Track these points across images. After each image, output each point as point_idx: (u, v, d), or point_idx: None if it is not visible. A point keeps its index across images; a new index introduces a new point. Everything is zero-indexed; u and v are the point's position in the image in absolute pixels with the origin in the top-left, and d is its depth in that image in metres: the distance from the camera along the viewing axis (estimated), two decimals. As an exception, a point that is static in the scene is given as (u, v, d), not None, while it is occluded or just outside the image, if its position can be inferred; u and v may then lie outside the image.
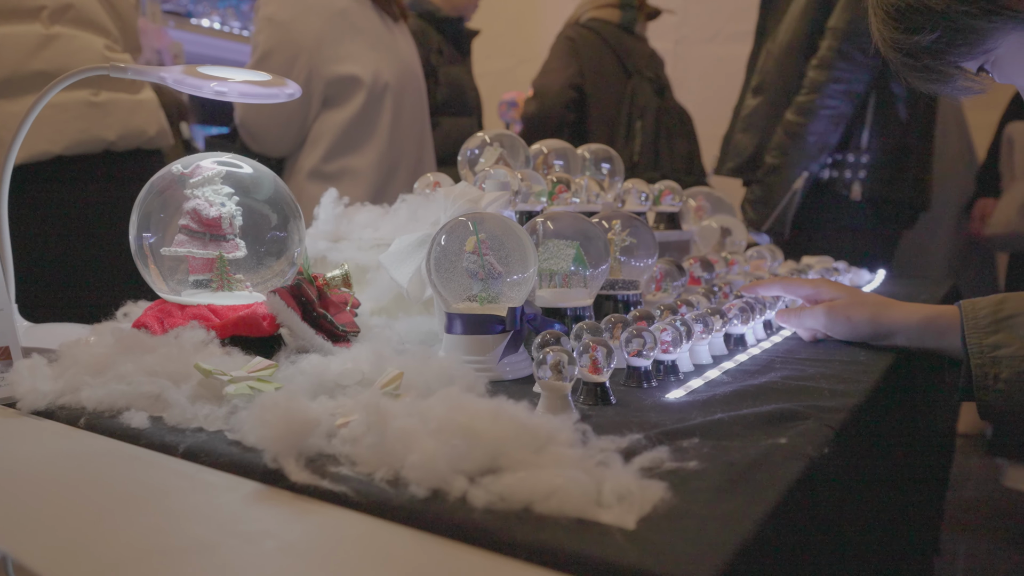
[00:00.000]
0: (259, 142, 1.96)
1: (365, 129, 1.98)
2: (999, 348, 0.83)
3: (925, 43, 0.74)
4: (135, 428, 0.61)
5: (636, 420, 0.62)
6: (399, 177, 2.05)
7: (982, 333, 0.85)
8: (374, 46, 1.99)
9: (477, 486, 0.45)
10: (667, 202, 1.41)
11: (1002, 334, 0.84)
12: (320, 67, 1.91)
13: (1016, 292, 0.88)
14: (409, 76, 2.10)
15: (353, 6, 1.97)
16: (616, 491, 0.44)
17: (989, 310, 0.86)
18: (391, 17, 2.07)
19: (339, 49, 1.93)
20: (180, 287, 0.83)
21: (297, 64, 1.89)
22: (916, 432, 1.07)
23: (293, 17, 1.89)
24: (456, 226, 0.81)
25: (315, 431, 0.54)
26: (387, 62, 2.01)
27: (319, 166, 1.94)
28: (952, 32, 0.73)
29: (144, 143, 1.47)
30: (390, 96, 2.01)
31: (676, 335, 0.77)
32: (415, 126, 2.12)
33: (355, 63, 1.94)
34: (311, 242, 1.07)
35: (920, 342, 0.93)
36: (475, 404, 0.51)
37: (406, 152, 2.09)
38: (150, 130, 1.48)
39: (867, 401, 0.71)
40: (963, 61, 0.76)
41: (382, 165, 2.00)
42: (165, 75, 0.80)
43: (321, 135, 1.95)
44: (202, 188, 0.83)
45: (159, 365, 0.69)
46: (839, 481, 0.60)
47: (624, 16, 2.64)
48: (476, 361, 0.78)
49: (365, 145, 1.98)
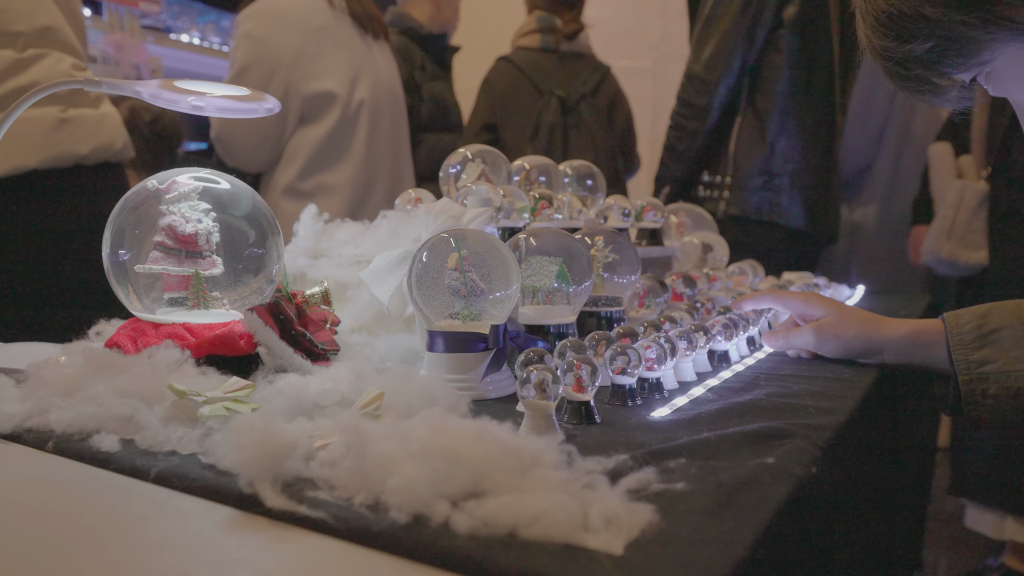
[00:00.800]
0: (235, 157, 1.95)
1: (341, 145, 1.98)
2: (985, 364, 0.83)
3: (918, 52, 0.71)
4: (105, 452, 0.59)
5: (622, 440, 0.61)
6: (376, 193, 2.04)
7: (968, 349, 0.85)
8: (352, 63, 1.99)
9: (460, 511, 0.44)
10: (649, 218, 1.41)
11: (987, 349, 0.84)
12: (297, 83, 1.90)
13: (999, 303, 0.88)
14: (387, 93, 2.09)
15: (332, 23, 1.97)
16: (603, 515, 0.43)
17: (973, 325, 0.86)
18: (371, 34, 2.08)
19: (316, 66, 1.93)
20: (155, 305, 0.82)
21: (274, 80, 1.89)
22: (899, 447, 1.07)
23: (271, 33, 1.90)
24: (438, 242, 0.80)
25: (292, 454, 0.52)
26: (364, 79, 2.01)
27: (294, 183, 1.93)
28: (947, 42, 0.69)
29: (111, 156, 1.47)
30: (366, 112, 2.00)
31: (661, 352, 0.77)
32: (392, 142, 2.12)
33: (332, 79, 1.94)
34: (290, 259, 1.05)
35: (908, 357, 0.93)
36: (457, 425, 0.50)
37: (383, 168, 2.08)
38: (117, 143, 1.48)
39: (852, 418, 0.71)
40: (956, 72, 0.73)
41: (358, 181, 2.00)
42: (141, 89, 0.79)
43: (297, 151, 1.94)
44: (178, 204, 0.81)
45: (131, 386, 0.66)
46: (826, 499, 0.59)
47: (543, 40, 2.69)
48: (458, 380, 0.77)
49: (341, 161, 1.98)
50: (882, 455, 0.94)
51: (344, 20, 2.01)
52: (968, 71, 0.73)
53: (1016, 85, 0.74)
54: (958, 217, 2.43)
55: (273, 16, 1.93)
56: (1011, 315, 0.85)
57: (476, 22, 3.18)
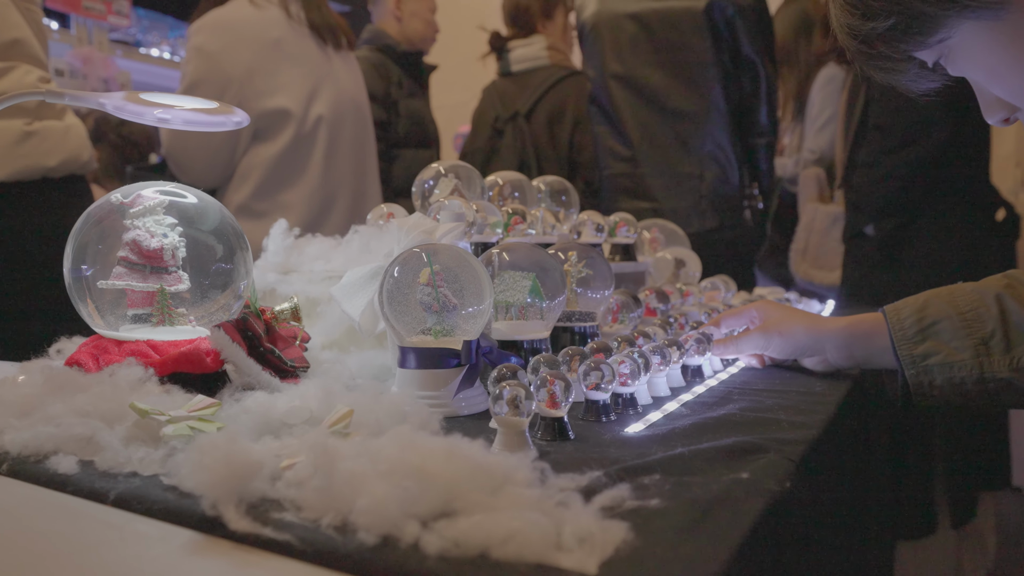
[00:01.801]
0: (186, 173, 1.88)
1: (296, 164, 1.92)
2: (929, 357, 0.87)
3: (880, 30, 0.74)
4: (62, 474, 0.57)
5: (596, 456, 0.60)
6: (336, 210, 1.99)
7: (911, 344, 0.88)
8: (309, 77, 1.93)
9: (430, 531, 0.43)
10: (622, 234, 1.41)
11: (929, 342, 0.87)
12: (250, 100, 1.84)
13: (934, 291, 0.91)
14: (349, 107, 2.04)
15: (288, 35, 1.91)
16: (577, 533, 0.42)
17: (913, 319, 0.89)
18: (331, 45, 2.01)
19: (270, 81, 1.87)
20: (118, 322, 0.79)
21: (226, 96, 1.82)
22: (871, 458, 1.08)
23: (223, 48, 1.83)
24: (409, 257, 0.79)
25: (258, 474, 0.51)
26: (323, 93, 1.96)
27: (248, 202, 1.88)
28: (907, 20, 0.73)
29: (78, 168, 1.44)
30: (324, 128, 1.95)
31: (634, 367, 0.76)
32: (355, 157, 2.06)
33: (287, 96, 1.88)
34: (260, 275, 1.03)
35: (848, 351, 0.96)
36: (428, 443, 0.49)
37: (344, 184, 2.03)
38: (83, 155, 1.45)
39: (825, 432, 0.71)
40: (918, 51, 0.77)
41: (314, 200, 1.94)
42: (105, 101, 0.77)
43: (251, 170, 1.88)
44: (143, 218, 0.79)
45: (92, 405, 0.64)
46: (801, 514, 0.59)
47: (501, 64, 2.75)
48: (430, 396, 0.75)
49: (297, 180, 1.92)
50: (855, 466, 0.94)
51: (302, 32, 1.95)
52: (928, 50, 0.76)
53: (971, 64, 0.77)
54: (811, 239, 2.56)
55: (226, 29, 1.85)
56: (947, 305, 0.88)
57: (454, 40, 3.20)
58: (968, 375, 0.86)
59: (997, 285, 0.89)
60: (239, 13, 1.88)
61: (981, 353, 0.85)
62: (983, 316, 0.86)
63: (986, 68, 0.76)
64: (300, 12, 1.95)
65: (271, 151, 1.88)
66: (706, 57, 2.23)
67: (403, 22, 2.69)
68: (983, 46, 0.74)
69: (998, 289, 0.88)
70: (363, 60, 2.58)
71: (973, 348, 0.86)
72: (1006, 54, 0.73)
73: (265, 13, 1.90)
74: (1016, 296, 0.86)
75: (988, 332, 0.85)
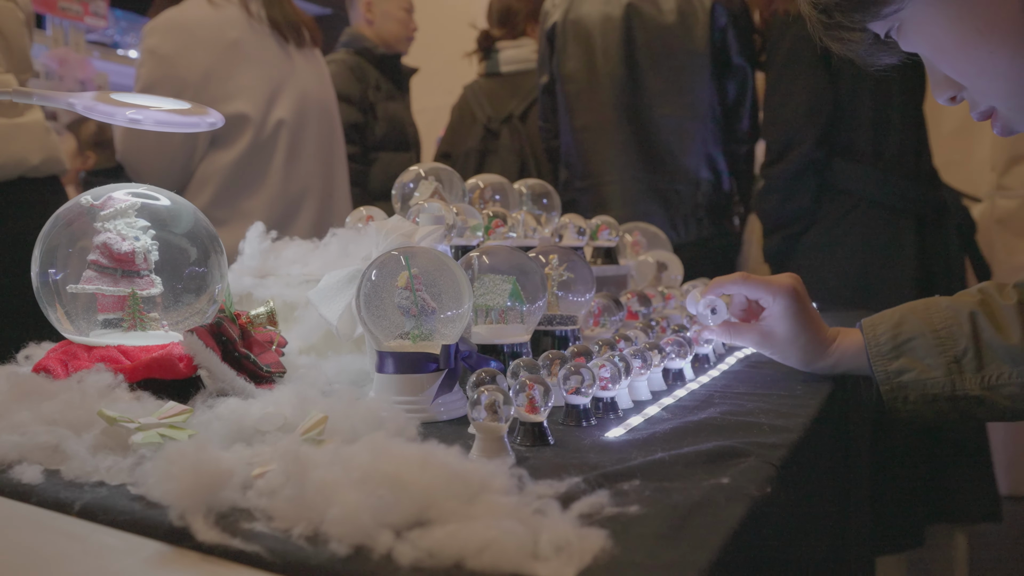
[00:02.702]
0: (141, 178, 1.81)
1: (256, 170, 1.85)
2: (903, 373, 0.88)
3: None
4: (26, 484, 0.55)
5: (575, 462, 0.59)
6: (300, 216, 1.93)
7: (885, 360, 0.89)
8: (269, 79, 1.86)
9: (404, 541, 0.42)
10: (604, 237, 1.41)
11: (904, 359, 0.89)
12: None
13: (910, 306, 0.92)
14: (313, 108, 1.97)
15: (247, 36, 1.83)
16: (554, 542, 0.41)
17: (888, 336, 0.90)
18: (294, 43, 1.93)
19: (228, 85, 1.79)
20: (88, 327, 0.78)
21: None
22: (851, 461, 1.08)
23: (178, 51, 1.75)
24: (387, 261, 0.78)
25: (228, 483, 0.49)
26: (284, 95, 1.88)
27: (207, 210, 1.80)
28: None
29: (27, 172, 1.33)
30: (285, 133, 1.88)
31: (615, 371, 0.76)
32: (320, 161, 2.00)
33: (245, 100, 1.81)
34: (236, 279, 1.02)
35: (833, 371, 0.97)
36: (402, 451, 0.48)
37: (310, 188, 1.96)
38: (32, 158, 1.34)
39: (806, 435, 0.70)
40: (871, 22, 0.78)
41: (276, 207, 1.87)
42: (74, 101, 0.76)
43: (208, 177, 1.81)
44: (114, 221, 0.77)
45: (59, 413, 0.63)
46: (782, 519, 0.58)
47: (488, 64, 2.73)
48: (409, 402, 0.74)
49: (257, 187, 1.85)
50: (835, 470, 0.94)
51: (262, 31, 1.86)
52: (880, 21, 0.78)
53: (920, 39, 0.78)
54: (750, 251, 2.64)
55: (180, 31, 1.77)
56: (922, 322, 0.89)
57: (436, 43, 3.19)
58: (941, 392, 0.87)
59: (971, 302, 0.89)
60: (195, 13, 1.80)
61: (953, 371, 0.86)
62: (956, 334, 0.87)
63: (934, 44, 0.77)
64: (261, 10, 1.87)
65: (228, 157, 1.81)
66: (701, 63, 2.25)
67: (375, 24, 2.67)
68: (931, 22, 0.75)
69: (972, 306, 0.88)
70: (339, 63, 2.56)
71: (946, 366, 0.87)
72: (953, 31, 0.75)
73: (223, 12, 1.82)
74: (988, 313, 0.87)
75: (961, 350, 0.86)
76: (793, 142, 2.01)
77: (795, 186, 2.03)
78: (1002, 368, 0.85)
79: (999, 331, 0.86)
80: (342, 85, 2.51)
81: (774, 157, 2.07)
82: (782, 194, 2.06)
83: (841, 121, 2.02)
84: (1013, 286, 0.90)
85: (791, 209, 2.07)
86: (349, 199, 2.16)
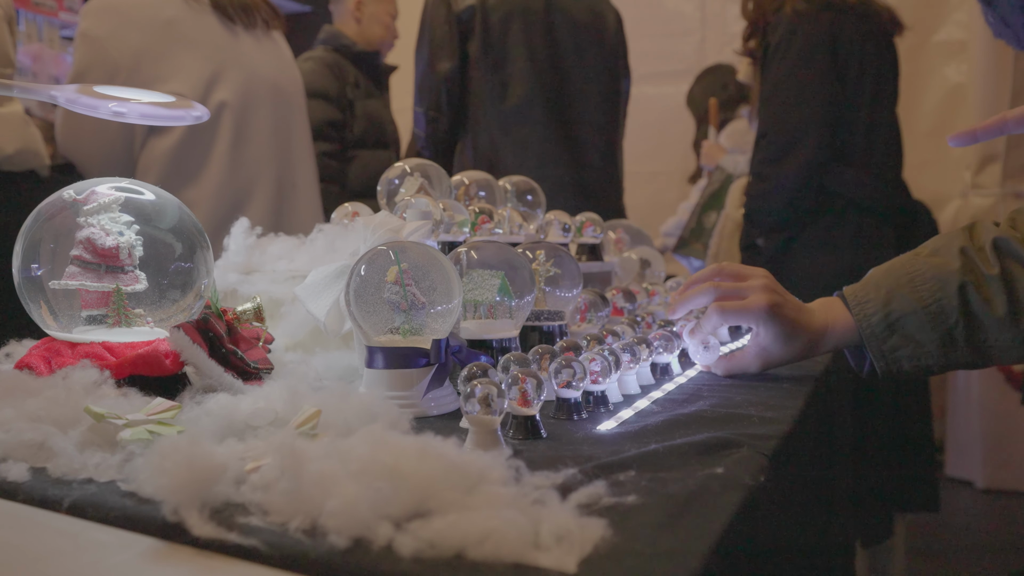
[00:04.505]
0: (83, 168, 1.74)
1: (197, 156, 1.76)
2: (897, 350, 0.92)
3: None
4: (12, 481, 0.54)
5: (569, 454, 0.59)
6: (252, 205, 1.83)
7: (879, 340, 0.92)
8: (209, 60, 1.77)
9: (404, 532, 0.42)
10: (588, 234, 1.41)
11: (896, 336, 0.91)
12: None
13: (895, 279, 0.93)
14: (264, 90, 1.87)
15: (184, 15, 1.75)
16: (554, 531, 0.41)
17: (880, 316, 0.91)
18: (242, 25, 1.85)
19: (161, 66, 1.71)
20: (71, 323, 0.76)
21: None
22: (834, 451, 1.09)
23: (109, 33, 1.68)
24: (377, 255, 0.77)
25: (222, 478, 0.49)
26: (227, 77, 1.79)
27: None
28: None
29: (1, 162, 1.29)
30: (229, 115, 1.79)
31: (605, 365, 0.76)
32: (273, 146, 1.90)
33: (180, 82, 1.72)
34: (220, 275, 1.01)
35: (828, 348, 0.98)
36: (400, 442, 0.48)
37: (260, 176, 1.86)
38: (7, 147, 1.31)
39: (795, 426, 0.71)
40: None
41: (223, 194, 1.78)
42: (56, 93, 0.74)
43: (149, 166, 1.73)
44: (97, 215, 0.76)
45: (44, 410, 0.61)
46: (774, 507, 0.59)
47: None
48: (399, 397, 0.74)
49: (198, 175, 1.77)
50: (823, 458, 0.95)
51: (203, 10, 1.78)
52: None
53: None
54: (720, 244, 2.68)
55: (112, 12, 1.70)
56: (911, 299, 0.91)
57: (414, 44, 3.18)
58: (935, 363, 0.91)
59: (955, 268, 0.90)
60: None
61: (947, 343, 0.90)
62: (946, 308, 0.89)
63: None
64: None
65: (166, 144, 1.72)
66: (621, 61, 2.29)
67: (362, 24, 2.65)
68: None
69: (958, 275, 0.90)
70: (317, 60, 2.54)
71: (939, 340, 0.90)
72: None
73: None
74: (976, 285, 0.89)
75: (952, 323, 0.89)
76: (803, 142, 2.01)
77: (803, 189, 2.04)
78: (989, 334, 0.89)
79: (987, 303, 0.89)
80: (320, 82, 2.48)
81: (776, 155, 2.06)
82: (787, 198, 2.06)
83: (840, 125, 2.04)
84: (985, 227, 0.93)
85: (795, 212, 2.07)
86: (317, 192, 2.07)
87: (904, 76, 2.20)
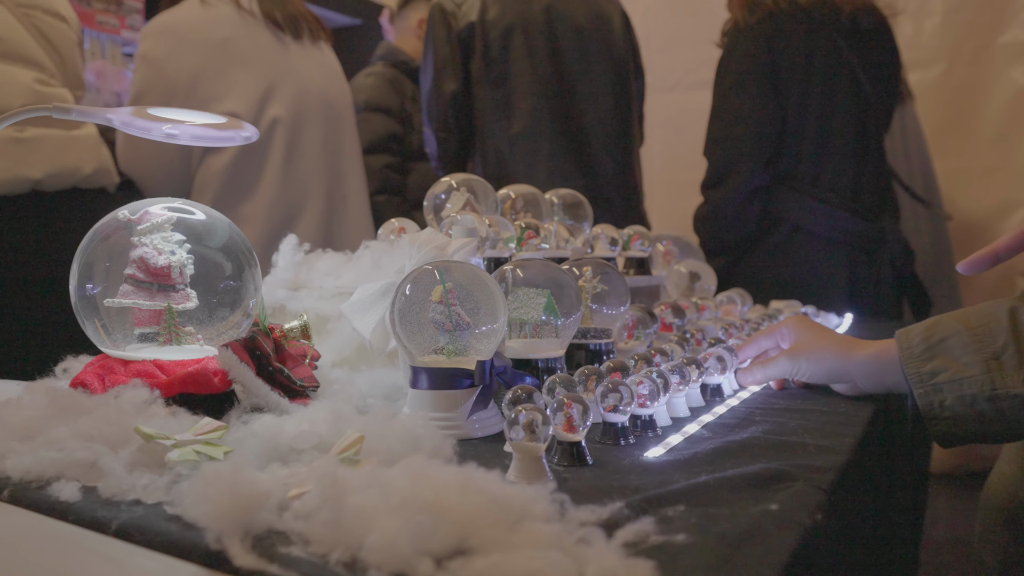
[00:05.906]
0: (145, 190, 1.80)
1: (251, 172, 1.80)
2: (937, 374, 0.82)
3: None
4: (64, 501, 0.55)
5: (616, 484, 0.58)
6: (303, 219, 1.87)
7: (919, 361, 0.84)
8: (262, 76, 1.80)
9: (445, 570, 0.41)
10: (636, 247, 1.39)
11: (938, 360, 0.83)
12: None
13: (948, 313, 0.88)
14: (316, 103, 1.90)
15: (238, 33, 1.79)
16: (600, 574, 0.40)
17: (922, 337, 0.85)
18: (291, 36, 1.87)
19: (217, 86, 1.76)
20: (125, 341, 0.78)
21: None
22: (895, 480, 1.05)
23: (167, 54, 1.73)
24: (421, 275, 0.77)
25: (264, 505, 0.49)
26: (280, 92, 1.82)
27: None
28: None
29: (80, 182, 1.36)
30: (282, 131, 1.82)
31: (653, 388, 0.74)
32: (324, 160, 1.93)
33: (235, 100, 1.76)
34: (269, 291, 1.02)
35: (877, 378, 0.91)
36: (442, 475, 0.47)
37: (312, 188, 1.89)
38: (85, 167, 1.37)
39: (853, 457, 0.68)
40: None
41: (275, 209, 1.82)
42: (112, 116, 0.76)
43: (206, 183, 1.78)
44: (150, 235, 0.78)
45: (96, 428, 0.63)
46: (831, 546, 0.56)
47: None
48: (443, 418, 0.73)
49: (254, 190, 1.80)
50: (881, 491, 0.91)
51: (256, 25, 1.80)
52: None
53: None
54: None
55: (170, 34, 1.74)
56: (957, 322, 0.84)
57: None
58: (979, 391, 0.80)
59: (1012, 299, 0.85)
60: (186, 15, 1.77)
61: (992, 368, 0.80)
62: (994, 330, 0.81)
63: None
64: (253, 4, 1.81)
65: (222, 162, 1.77)
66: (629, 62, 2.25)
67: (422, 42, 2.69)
68: None
69: (1013, 302, 0.83)
70: (378, 75, 2.61)
71: (984, 363, 0.80)
72: None
73: (213, 12, 1.78)
74: None
75: (1000, 346, 0.80)
76: (738, 166, 1.98)
77: (741, 214, 2.01)
78: None
79: None
80: (381, 96, 2.55)
81: (715, 179, 2.04)
82: (727, 222, 2.03)
83: (784, 147, 1.99)
84: None
85: (735, 236, 2.05)
86: (367, 204, 2.10)
87: (967, 79, 2.11)
